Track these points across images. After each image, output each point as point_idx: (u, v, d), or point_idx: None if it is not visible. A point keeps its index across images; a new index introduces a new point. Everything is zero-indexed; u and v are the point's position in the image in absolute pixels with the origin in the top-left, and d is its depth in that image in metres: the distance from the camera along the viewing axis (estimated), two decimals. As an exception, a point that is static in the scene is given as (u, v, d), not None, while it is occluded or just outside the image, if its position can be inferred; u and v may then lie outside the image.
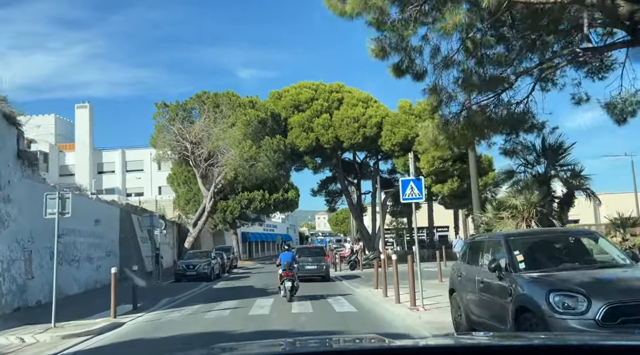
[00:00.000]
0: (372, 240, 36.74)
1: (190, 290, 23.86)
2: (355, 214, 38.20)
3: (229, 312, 15.87)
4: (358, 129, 31.89)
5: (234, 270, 41.11)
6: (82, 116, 67.12)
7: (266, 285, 25.94)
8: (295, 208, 57.33)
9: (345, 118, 32.04)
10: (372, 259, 34.28)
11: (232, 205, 51.03)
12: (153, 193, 63.93)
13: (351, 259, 34.62)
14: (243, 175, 31.48)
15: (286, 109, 33.37)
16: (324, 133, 32.08)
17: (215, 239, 59.15)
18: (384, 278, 19.60)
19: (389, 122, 32.24)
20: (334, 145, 32.46)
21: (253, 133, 31.45)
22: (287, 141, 32.31)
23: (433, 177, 31.73)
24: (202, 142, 34.19)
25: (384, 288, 18.20)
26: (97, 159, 68.37)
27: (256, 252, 72.77)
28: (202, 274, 29.26)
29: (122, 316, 15.39)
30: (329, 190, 42.66)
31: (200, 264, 29.47)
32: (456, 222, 46.27)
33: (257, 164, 31.38)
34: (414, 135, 31.82)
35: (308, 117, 32.47)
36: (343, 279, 27.02)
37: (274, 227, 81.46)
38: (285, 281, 16.88)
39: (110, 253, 29.83)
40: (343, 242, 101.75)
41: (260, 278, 32.06)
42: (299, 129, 32.35)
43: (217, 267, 31.80)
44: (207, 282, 28.65)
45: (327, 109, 32.87)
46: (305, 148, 32.30)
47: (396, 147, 32.05)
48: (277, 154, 31.30)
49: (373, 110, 32.64)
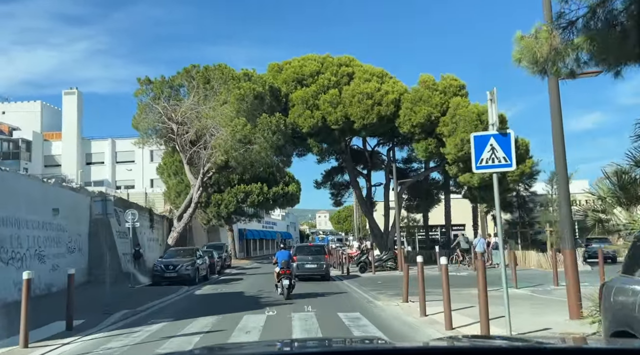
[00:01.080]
0: (385, 239, 31.45)
1: (164, 298, 18.60)
2: (366, 209, 32.89)
3: (200, 338, 10.63)
4: (372, 107, 26.62)
5: (226, 270, 35.82)
6: (69, 103, 61.89)
7: (260, 290, 20.77)
8: (296, 203, 52.02)
9: (357, 94, 26.76)
10: (386, 261, 29.02)
11: (227, 198, 45.77)
12: (145, 186, 58.62)
13: (361, 259, 29.31)
14: (236, 159, 26.21)
15: (287, 83, 28.10)
16: (332, 111, 26.80)
17: (209, 235, 53.90)
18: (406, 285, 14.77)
19: (408, 99, 26.95)
20: (343, 126, 27.14)
21: (248, 110, 26.19)
22: (288, 120, 27.06)
23: (460, 164, 26.46)
24: (189, 122, 28.92)
25: (421, 304, 12.96)
26: (86, 149, 63.13)
27: (254, 251, 67.38)
28: (184, 275, 24.03)
29: (38, 344, 10.16)
30: (334, 182, 37.34)
31: (182, 263, 24.21)
32: (475, 220, 40.95)
33: (252, 147, 26.12)
34: (438, 114, 26.54)
35: (313, 92, 27.19)
36: (355, 285, 21.80)
37: (273, 224, 76.12)
38: (282, 279, 16.53)
39: (75, 250, 24.58)
40: (349, 240, 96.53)
41: (255, 281, 26.80)
42: (302, 106, 27.07)
43: (204, 268, 26.52)
44: (190, 285, 23.41)
45: (336, 84, 27.62)
46: (309, 129, 26.98)
47: (417, 128, 26.75)
48: (276, 135, 26.06)
49: (389, 85, 27.40)
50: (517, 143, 27.83)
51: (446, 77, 27.73)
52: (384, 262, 29.05)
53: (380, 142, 33.18)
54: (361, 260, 29.24)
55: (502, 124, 26.34)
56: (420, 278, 14.11)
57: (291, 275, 16.77)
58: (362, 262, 29.01)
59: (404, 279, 14.71)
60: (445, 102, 26.63)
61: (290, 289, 16.56)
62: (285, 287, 16.39)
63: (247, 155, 26.26)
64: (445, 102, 26.63)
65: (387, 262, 29.04)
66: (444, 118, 26.45)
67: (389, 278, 24.97)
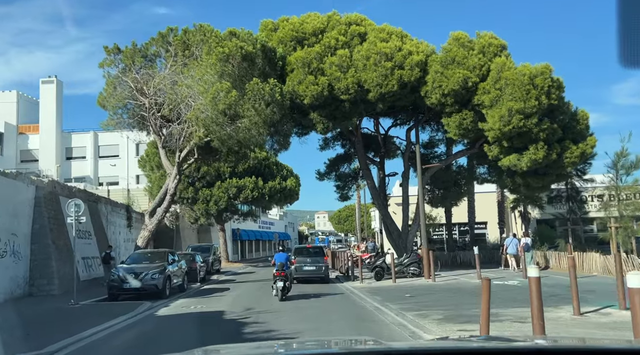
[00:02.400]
0: (404, 239, 25.31)
1: (104, 324, 12.40)
2: (379, 202, 26.70)
3: None
4: (392, 71, 20.51)
5: (213, 276, 29.64)
6: (47, 93, 55.62)
7: (249, 309, 14.86)
8: (295, 199, 45.86)
9: (373, 55, 20.63)
10: (409, 265, 22.88)
11: (217, 194, 39.61)
12: (130, 182, 52.42)
13: (377, 264, 23.16)
14: (219, 137, 20.05)
15: (284, 44, 21.97)
16: (341, 77, 20.69)
17: (200, 236, 47.71)
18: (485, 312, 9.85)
19: (437, 61, 20.79)
20: (354, 96, 20.97)
21: (234, 75, 20.06)
22: (286, 89, 20.94)
23: (504, 143, 20.35)
24: (164, 96, 22.77)
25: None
26: (66, 142, 56.84)
27: (249, 252, 61.03)
28: (150, 287, 17.84)
29: None
30: (339, 173, 31.16)
31: (148, 271, 18.01)
32: (501, 217, 34.85)
33: (240, 121, 20.00)
34: (476, 79, 20.38)
35: (317, 54, 21.05)
36: (376, 299, 15.60)
37: (270, 224, 69.82)
38: (277, 281, 16.28)
39: (6, 254, 18.39)
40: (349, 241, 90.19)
41: (245, 291, 20.64)
42: (304, 70, 20.93)
43: (179, 275, 20.36)
44: (157, 300, 17.25)
45: (345, 46, 21.58)
46: (312, 99, 20.80)
47: (449, 98, 20.61)
48: (271, 107, 19.97)
49: (412, 45, 21.36)
50: (577, 116, 21.76)
51: (483, 35, 21.60)
52: (404, 267, 22.92)
53: (397, 122, 26.96)
54: (377, 265, 23.10)
55: (558, 91, 20.28)
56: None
57: (286, 278, 16.43)
58: (379, 267, 22.86)
59: (483, 298, 8.56)
60: (484, 64, 20.53)
61: (284, 291, 16.24)
62: (279, 288, 16.17)
63: (234, 133, 20.09)
64: (484, 64, 20.53)
65: (409, 267, 22.90)
66: (483, 84, 20.35)
67: (417, 288, 18.81)
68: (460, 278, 21.79)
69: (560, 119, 20.46)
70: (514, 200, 35.45)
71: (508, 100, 19.40)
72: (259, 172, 41.58)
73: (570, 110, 21.27)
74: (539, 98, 19.16)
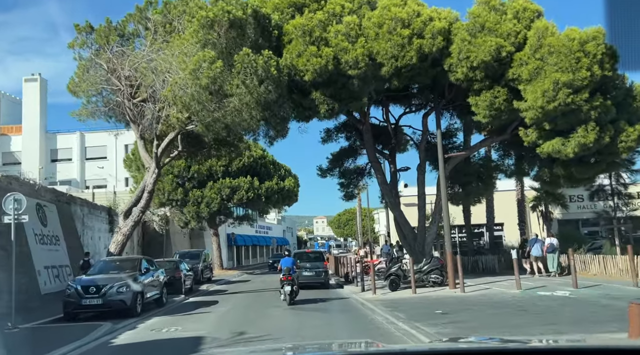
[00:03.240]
0: (421, 242, 21.62)
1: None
2: (391, 200, 22.98)
3: None
4: (409, 41, 16.91)
5: (203, 286, 25.85)
6: (31, 91, 51.93)
7: (238, 333, 11.23)
8: (293, 201, 42.14)
9: (387, 21, 17.02)
10: (429, 273, 19.19)
11: (209, 195, 35.86)
12: (118, 184, 48.61)
13: (391, 271, 19.44)
14: (202, 120, 16.35)
15: (280, 11, 18.32)
16: (349, 48, 17.08)
17: (193, 241, 43.85)
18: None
19: (463, 29, 17.19)
20: (365, 71, 17.30)
21: (220, 46, 16.42)
22: (283, 62, 17.29)
23: (546, 125, 16.73)
24: (142, 77, 19.10)
25: None
26: (51, 144, 53.12)
27: (246, 259, 57.14)
28: (115, 303, 14.10)
29: None
30: (344, 169, 27.44)
31: (113, 283, 14.28)
32: (521, 217, 31.17)
33: (228, 101, 16.35)
34: (511, 48, 16.74)
35: (319, 21, 17.45)
36: (400, 318, 11.79)
37: (268, 228, 65.99)
38: (284, 285, 16.19)
39: None
40: (348, 246, 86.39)
41: (237, 306, 16.86)
42: (304, 40, 17.29)
43: (157, 285, 16.62)
44: (123, 320, 13.55)
45: (353, 13, 18.00)
46: (313, 74, 17.13)
47: (478, 72, 16.98)
48: (265, 85, 16.33)
49: (432, 11, 17.81)
50: (632, 92, 18.09)
51: (518, -4, 17.93)
52: (424, 275, 19.21)
53: (411, 108, 23.28)
54: (391, 272, 19.38)
55: (612, 60, 16.64)
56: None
57: (293, 282, 16.29)
58: (394, 275, 19.15)
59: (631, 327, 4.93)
60: (520, 32, 16.90)
61: (292, 295, 16.10)
62: (287, 293, 16.08)
63: (221, 115, 16.40)
64: (520, 32, 16.90)
65: (430, 275, 19.20)
66: (519, 54, 16.72)
67: (447, 302, 15.04)
68: (493, 288, 18.11)
69: (613, 95, 16.83)
70: (535, 199, 31.85)
71: (553, 71, 15.78)
72: (254, 171, 37.89)
73: (624, 85, 17.64)
74: (590, 68, 15.53)
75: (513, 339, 3.57)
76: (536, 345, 2.78)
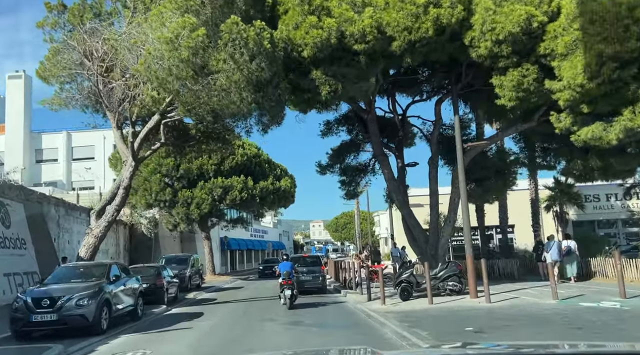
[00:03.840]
0: (434, 245, 19.08)
1: None
2: (400, 198, 20.43)
3: None
4: (425, 10, 14.46)
5: (190, 294, 23.18)
6: (14, 89, 49.28)
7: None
8: (290, 202, 39.54)
9: (398, -12, 14.59)
10: (445, 279, 16.62)
11: (200, 195, 33.22)
12: (106, 186, 45.86)
13: (402, 277, 16.85)
14: (182, 100, 13.82)
15: (275, -21, 15.85)
16: (355, 19, 14.59)
17: (183, 245, 41.16)
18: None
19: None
20: (373, 46, 14.79)
21: (205, 16, 13.91)
22: (278, 35, 14.75)
23: (584, 107, 14.27)
24: (118, 59, 16.55)
25: None
26: (35, 144, 50.45)
27: (240, 264, 54.42)
28: (73, 318, 11.47)
29: None
30: (345, 165, 24.95)
31: (72, 294, 11.68)
32: (535, 218, 28.66)
33: (213, 78, 13.82)
34: (543, 18, 14.27)
35: (320, -11, 14.96)
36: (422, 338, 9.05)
37: (263, 232, 63.30)
38: (285, 289, 16.00)
39: None
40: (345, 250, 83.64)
41: (224, 319, 14.22)
42: (302, 9, 14.75)
43: (131, 295, 14.02)
44: (83, 340, 10.96)
45: (358, -19, 15.49)
46: (313, 49, 14.61)
47: (504, 46, 14.50)
48: (257, 61, 13.82)
49: (450, -22, 15.33)
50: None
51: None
52: (440, 282, 16.65)
53: (422, 96, 20.77)
54: (402, 279, 16.79)
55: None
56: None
57: (293, 286, 16.03)
58: (405, 282, 16.56)
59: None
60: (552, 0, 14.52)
61: (292, 299, 15.84)
62: (287, 297, 15.80)
63: (204, 95, 13.88)
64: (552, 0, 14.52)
65: (447, 282, 16.63)
66: (553, 25, 14.27)
67: (474, 315, 12.44)
68: (521, 297, 15.56)
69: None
70: (549, 199, 29.44)
71: (595, 42, 13.28)
72: (248, 170, 35.28)
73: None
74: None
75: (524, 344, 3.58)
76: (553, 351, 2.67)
